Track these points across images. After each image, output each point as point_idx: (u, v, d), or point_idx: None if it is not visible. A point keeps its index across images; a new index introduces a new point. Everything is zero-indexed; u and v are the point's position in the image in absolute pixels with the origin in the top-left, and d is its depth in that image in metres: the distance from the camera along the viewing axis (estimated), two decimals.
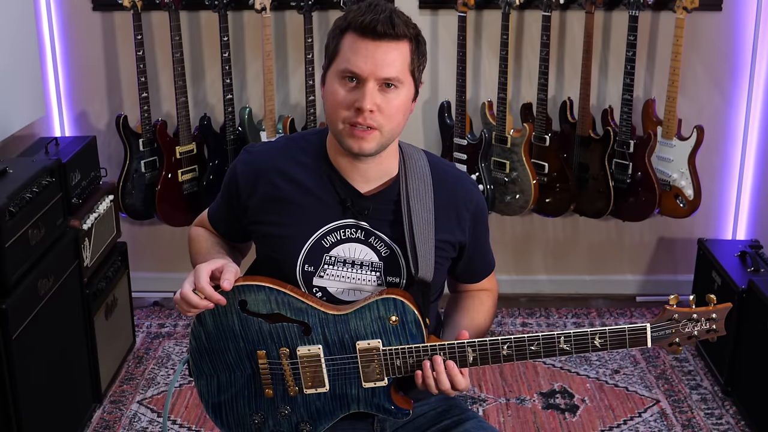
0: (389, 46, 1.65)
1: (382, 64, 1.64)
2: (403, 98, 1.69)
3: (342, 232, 1.77)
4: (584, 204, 3.61)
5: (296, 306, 1.72)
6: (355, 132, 1.67)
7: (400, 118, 1.70)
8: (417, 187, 1.78)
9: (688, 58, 3.53)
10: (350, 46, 1.66)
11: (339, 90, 1.67)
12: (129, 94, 3.64)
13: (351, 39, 1.66)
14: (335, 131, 1.70)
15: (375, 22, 1.63)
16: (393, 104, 1.67)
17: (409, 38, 1.68)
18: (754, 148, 3.67)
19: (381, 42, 1.64)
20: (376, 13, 1.64)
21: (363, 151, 1.68)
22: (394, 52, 1.65)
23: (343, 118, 1.67)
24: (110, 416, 3.03)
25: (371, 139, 1.68)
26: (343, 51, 1.67)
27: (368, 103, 1.64)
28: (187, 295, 1.66)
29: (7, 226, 2.40)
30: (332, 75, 1.69)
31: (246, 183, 1.80)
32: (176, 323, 3.68)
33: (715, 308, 1.72)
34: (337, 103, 1.67)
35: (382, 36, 1.64)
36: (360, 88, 1.66)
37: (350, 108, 1.66)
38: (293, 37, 3.56)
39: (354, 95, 1.66)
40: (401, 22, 1.66)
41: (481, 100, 3.59)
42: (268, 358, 1.74)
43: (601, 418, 3.03)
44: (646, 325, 1.69)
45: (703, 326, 1.71)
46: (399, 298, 1.70)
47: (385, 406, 1.75)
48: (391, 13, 1.65)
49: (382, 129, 1.68)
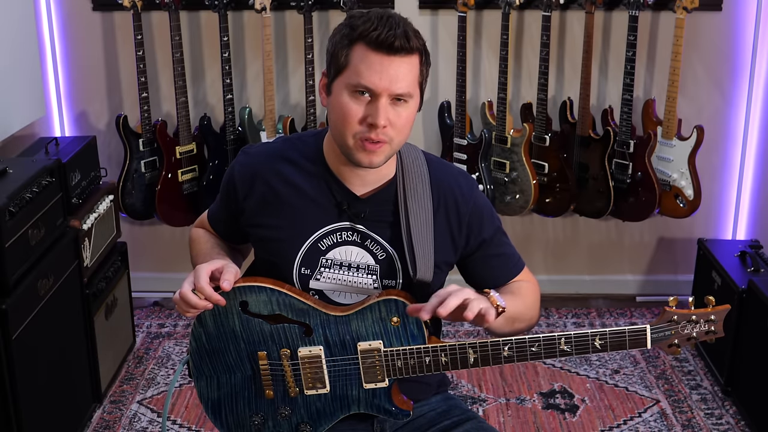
0: (402, 61, 1.62)
1: (395, 79, 1.62)
2: (411, 110, 1.68)
3: (338, 235, 1.77)
4: (584, 204, 3.61)
5: (297, 307, 1.72)
6: (366, 146, 1.65)
7: (408, 130, 1.70)
8: (415, 187, 1.77)
9: (688, 58, 3.53)
10: (362, 58, 1.62)
11: (350, 104, 1.64)
12: (129, 94, 3.64)
13: (362, 51, 1.62)
14: (343, 144, 1.68)
15: (392, 37, 1.60)
16: (403, 117, 1.66)
17: (420, 51, 1.66)
18: (754, 148, 3.67)
19: (395, 57, 1.61)
20: (391, 27, 1.60)
21: (372, 164, 1.68)
22: (406, 66, 1.63)
23: (354, 133, 1.65)
24: (110, 416, 3.03)
25: (380, 153, 1.67)
26: (354, 63, 1.63)
27: (382, 120, 1.62)
28: (186, 295, 1.66)
29: (7, 226, 2.40)
30: (341, 87, 1.66)
31: (243, 185, 1.80)
32: (176, 323, 3.68)
33: (713, 310, 1.73)
34: (348, 117, 1.64)
35: (397, 51, 1.61)
36: (372, 103, 1.63)
37: (362, 123, 1.64)
38: (293, 37, 3.56)
39: (366, 110, 1.63)
40: (413, 35, 1.63)
41: (481, 100, 3.59)
42: (269, 358, 1.74)
43: (601, 418, 3.03)
44: (646, 326, 1.69)
45: (701, 328, 1.72)
46: (401, 299, 1.70)
47: (386, 407, 1.75)
48: (406, 27, 1.62)
49: (392, 142, 1.67)
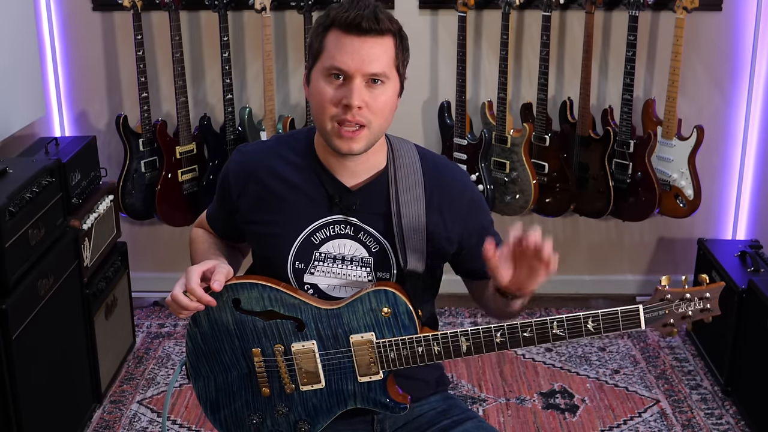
0: (374, 42, 1.65)
1: (368, 59, 1.64)
2: (389, 94, 1.69)
3: (331, 228, 1.77)
4: (584, 204, 3.61)
5: (289, 302, 1.73)
6: (344, 133, 1.66)
7: (387, 114, 1.70)
8: (407, 177, 1.77)
9: (688, 58, 3.53)
10: (335, 43, 1.65)
11: (325, 88, 1.66)
12: (129, 94, 3.64)
13: (335, 36, 1.65)
14: (323, 130, 1.69)
15: (359, 18, 1.63)
16: (380, 100, 1.67)
17: (393, 33, 1.68)
18: (754, 148, 3.67)
19: (366, 38, 1.64)
20: (359, 9, 1.64)
21: (352, 151, 1.68)
22: (379, 48, 1.65)
23: (331, 116, 1.66)
24: (110, 416, 3.03)
25: (359, 139, 1.67)
26: (328, 48, 1.66)
27: (356, 100, 1.63)
28: (177, 297, 1.67)
29: (7, 226, 2.41)
30: (317, 73, 1.68)
31: (237, 182, 1.81)
32: (176, 323, 3.68)
33: (708, 287, 1.68)
34: (324, 101, 1.66)
35: (367, 31, 1.63)
36: (347, 84, 1.65)
37: (338, 105, 1.65)
38: (293, 37, 3.57)
39: (341, 92, 1.65)
40: (385, 17, 1.66)
41: (481, 100, 3.59)
42: (263, 355, 1.74)
43: (601, 418, 3.02)
44: (638, 306, 1.66)
45: (696, 306, 1.68)
46: (390, 289, 1.70)
47: (382, 400, 1.75)
48: (375, 9, 1.65)
49: (371, 125, 1.67)
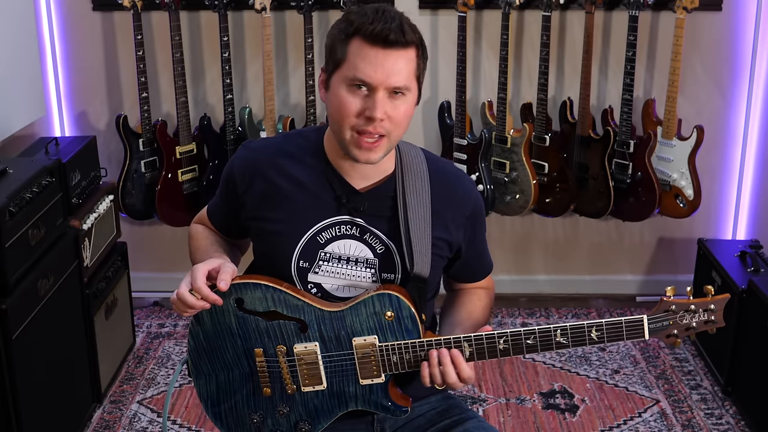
0: (399, 54, 1.64)
1: (392, 72, 1.63)
2: (409, 104, 1.69)
3: (337, 228, 1.77)
4: (584, 204, 3.61)
5: (292, 303, 1.73)
6: (363, 143, 1.66)
7: (405, 124, 1.71)
8: (414, 183, 1.78)
9: (688, 58, 3.53)
10: (358, 52, 1.64)
11: (347, 97, 1.66)
12: (129, 94, 3.64)
13: (359, 45, 1.64)
14: (341, 138, 1.69)
15: (387, 30, 1.61)
16: (401, 110, 1.67)
17: (416, 44, 1.67)
18: (754, 148, 3.67)
19: (391, 50, 1.63)
20: (386, 21, 1.62)
21: (370, 161, 1.69)
22: (403, 60, 1.64)
23: (351, 126, 1.66)
24: (110, 416, 3.03)
25: (378, 149, 1.68)
26: (351, 58, 1.65)
27: (379, 113, 1.63)
28: (183, 295, 1.66)
29: (7, 226, 2.40)
30: (339, 81, 1.67)
31: (243, 178, 1.80)
32: (176, 323, 3.68)
33: (712, 299, 1.69)
34: (345, 111, 1.66)
35: (392, 44, 1.62)
36: (370, 96, 1.64)
37: (360, 116, 1.65)
38: (293, 37, 3.56)
39: (364, 103, 1.65)
40: (409, 28, 1.65)
41: (481, 100, 3.59)
42: (266, 356, 1.74)
43: (601, 418, 3.02)
44: (642, 316, 1.67)
45: (701, 317, 1.69)
46: (394, 293, 1.70)
47: (383, 403, 1.75)
48: (401, 21, 1.64)
49: (390, 135, 1.68)
